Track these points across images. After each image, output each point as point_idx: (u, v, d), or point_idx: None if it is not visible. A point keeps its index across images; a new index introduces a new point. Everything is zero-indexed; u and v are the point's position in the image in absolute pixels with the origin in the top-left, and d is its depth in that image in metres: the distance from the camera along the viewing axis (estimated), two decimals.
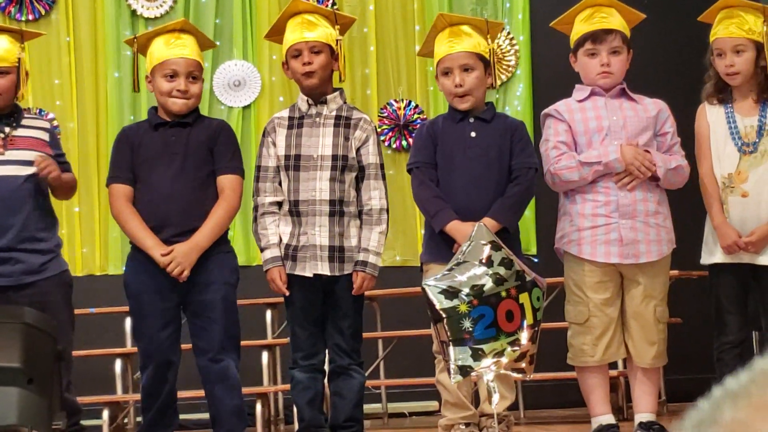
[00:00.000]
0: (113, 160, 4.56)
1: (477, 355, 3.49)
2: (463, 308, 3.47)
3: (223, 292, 4.45)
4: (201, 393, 4.54)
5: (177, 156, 4.44)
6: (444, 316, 3.48)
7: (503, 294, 3.54)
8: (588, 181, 4.46)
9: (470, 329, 3.47)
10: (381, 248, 4.52)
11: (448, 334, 3.49)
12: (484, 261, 3.55)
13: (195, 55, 4.53)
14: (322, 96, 4.53)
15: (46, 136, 4.63)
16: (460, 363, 3.49)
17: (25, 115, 4.70)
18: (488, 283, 3.51)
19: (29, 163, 4.52)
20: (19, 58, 4.62)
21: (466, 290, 3.49)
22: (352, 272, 4.45)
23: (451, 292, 3.48)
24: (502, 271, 3.57)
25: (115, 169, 4.54)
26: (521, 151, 4.53)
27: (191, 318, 4.48)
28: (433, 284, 3.52)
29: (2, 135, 4.57)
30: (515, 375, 3.66)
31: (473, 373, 3.59)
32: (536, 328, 3.61)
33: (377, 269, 4.50)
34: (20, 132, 4.59)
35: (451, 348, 3.51)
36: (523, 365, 3.58)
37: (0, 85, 4.56)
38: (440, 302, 3.48)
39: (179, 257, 4.33)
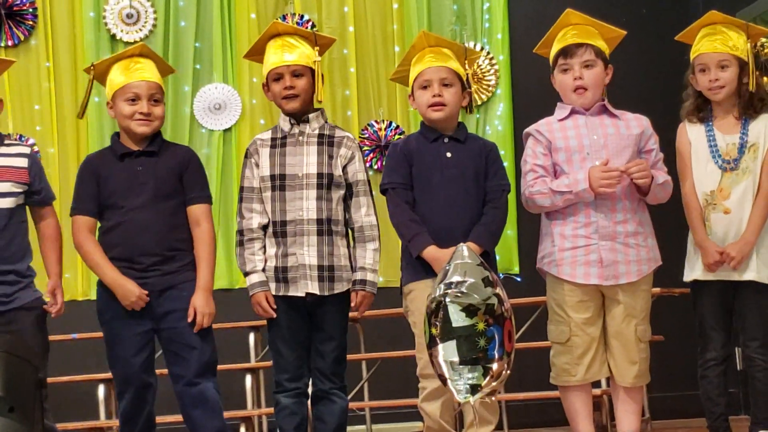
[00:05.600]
0: (77, 190, 4.52)
1: (487, 374, 3.53)
2: (481, 326, 3.51)
3: (195, 318, 4.39)
4: (181, 417, 4.51)
5: (146, 186, 4.42)
6: (454, 335, 3.51)
7: (505, 314, 3.58)
8: (560, 207, 4.47)
9: (485, 347, 3.51)
10: (377, 265, 4.51)
11: (456, 354, 3.52)
12: (486, 281, 3.59)
13: (156, 78, 4.52)
14: (304, 115, 4.53)
15: (24, 163, 4.54)
16: (472, 382, 3.53)
17: (5, 142, 4.60)
18: (495, 303, 3.56)
19: (3, 194, 4.47)
20: None
21: (482, 309, 3.53)
22: (351, 291, 4.44)
23: (471, 311, 3.52)
24: (499, 291, 3.61)
25: (78, 200, 4.50)
26: (495, 173, 4.53)
27: (165, 345, 4.45)
28: (457, 302, 3.55)
29: None
30: (488, 396, 3.69)
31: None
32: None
33: (376, 287, 4.49)
34: None
35: (452, 368, 3.54)
36: (496, 384, 3.61)
37: None
38: (461, 320, 3.52)
39: (202, 310, 4.36)
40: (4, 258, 4.46)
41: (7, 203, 4.48)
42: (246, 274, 4.47)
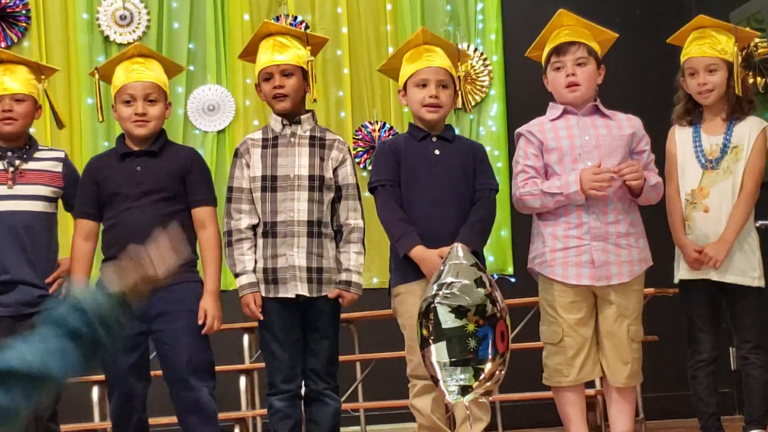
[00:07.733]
0: (78, 193, 4.57)
1: (478, 375, 3.54)
2: (471, 327, 3.52)
3: (188, 321, 4.38)
4: (175, 419, 4.50)
5: (141, 187, 4.41)
6: (445, 337, 3.52)
7: (498, 315, 3.59)
8: (550, 209, 4.47)
9: (475, 348, 3.52)
10: (361, 267, 4.51)
11: (446, 354, 3.53)
12: (478, 282, 3.60)
13: (152, 78, 4.50)
14: (295, 116, 4.53)
15: (59, 167, 4.64)
16: (463, 383, 3.54)
17: (39, 147, 4.70)
18: (488, 304, 3.56)
19: (38, 197, 4.56)
20: (45, 90, 4.74)
21: (473, 310, 3.54)
22: (337, 291, 4.44)
23: (461, 312, 3.53)
24: (493, 292, 3.62)
25: (78, 203, 4.56)
26: (483, 172, 4.54)
27: (157, 348, 4.43)
28: (446, 303, 3.55)
29: (12, 168, 4.58)
30: (482, 396, 3.69)
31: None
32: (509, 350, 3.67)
33: (361, 288, 4.51)
34: (31, 165, 4.61)
35: (444, 369, 3.54)
36: (490, 385, 3.62)
37: (16, 111, 4.62)
38: (451, 321, 3.52)
39: (213, 313, 4.38)
40: (40, 260, 4.51)
41: (43, 207, 4.56)
42: (236, 275, 4.47)
